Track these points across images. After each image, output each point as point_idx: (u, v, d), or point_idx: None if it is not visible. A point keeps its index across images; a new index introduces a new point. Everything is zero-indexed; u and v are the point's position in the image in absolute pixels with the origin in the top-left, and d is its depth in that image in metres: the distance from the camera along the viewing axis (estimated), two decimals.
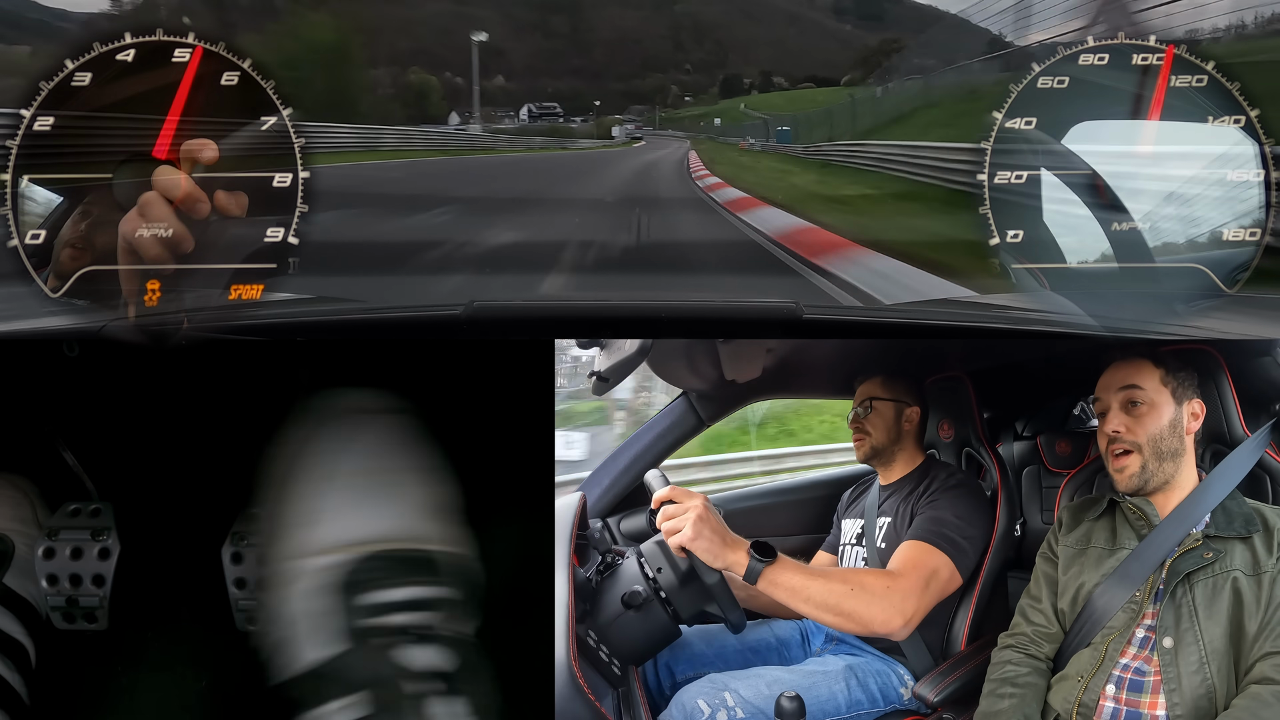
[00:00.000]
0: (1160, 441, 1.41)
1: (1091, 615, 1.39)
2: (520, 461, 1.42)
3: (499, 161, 9.36)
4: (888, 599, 1.59)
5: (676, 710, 1.59)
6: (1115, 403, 1.44)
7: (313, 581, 1.03)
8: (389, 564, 1.06)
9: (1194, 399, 1.44)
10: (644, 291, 2.39)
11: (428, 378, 1.50)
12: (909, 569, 1.68)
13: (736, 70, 9.84)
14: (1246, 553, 1.32)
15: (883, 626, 1.58)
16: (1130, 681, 1.32)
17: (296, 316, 1.46)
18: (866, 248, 4.93)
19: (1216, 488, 1.40)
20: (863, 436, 1.99)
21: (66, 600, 1.25)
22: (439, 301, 1.44)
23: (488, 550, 1.46)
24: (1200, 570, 1.33)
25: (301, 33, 6.44)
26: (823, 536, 2.17)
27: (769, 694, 1.63)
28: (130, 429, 1.45)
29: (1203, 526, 1.37)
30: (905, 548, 1.74)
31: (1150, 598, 1.35)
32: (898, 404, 1.97)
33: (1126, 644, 1.35)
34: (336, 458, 1.12)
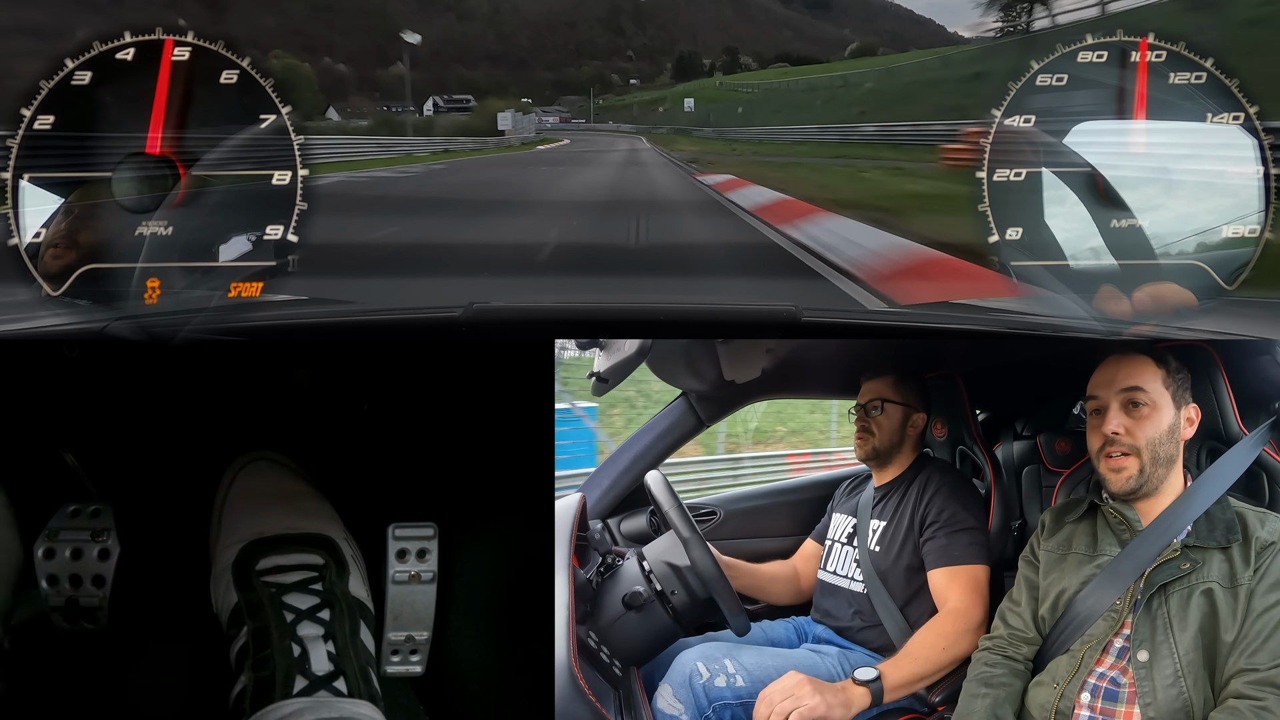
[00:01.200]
0: (1159, 446, 1.38)
1: (1071, 622, 1.38)
2: (520, 462, 1.42)
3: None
4: (969, 634, 1.63)
5: (675, 672, 1.60)
6: (1116, 403, 1.39)
7: (223, 566, 1.35)
8: (267, 544, 1.37)
9: (1190, 404, 1.42)
10: (644, 294, 2.38)
11: (427, 378, 1.50)
12: (963, 599, 1.71)
13: (691, 50, 9.12)
14: (1225, 564, 1.29)
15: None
16: (1106, 691, 1.31)
17: (296, 318, 1.46)
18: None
19: (1202, 496, 1.36)
20: (866, 436, 1.96)
21: (66, 601, 1.25)
22: (439, 303, 1.44)
23: (488, 551, 1.46)
24: (1176, 581, 1.30)
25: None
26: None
27: (771, 664, 1.64)
28: (130, 429, 1.45)
29: (1183, 536, 1.34)
30: (948, 579, 1.74)
31: (1130, 607, 1.33)
32: (906, 408, 1.96)
33: (1103, 653, 1.33)
34: (251, 483, 1.47)
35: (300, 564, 1.36)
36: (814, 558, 2.10)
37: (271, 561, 1.34)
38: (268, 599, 1.28)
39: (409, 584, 1.38)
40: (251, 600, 1.28)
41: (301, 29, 8.03)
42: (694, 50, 8.91)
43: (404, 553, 1.38)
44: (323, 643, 1.25)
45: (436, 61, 8.39)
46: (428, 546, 1.38)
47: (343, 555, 1.40)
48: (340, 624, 1.29)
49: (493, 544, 1.46)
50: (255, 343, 1.40)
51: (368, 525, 1.42)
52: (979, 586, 1.72)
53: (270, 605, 1.27)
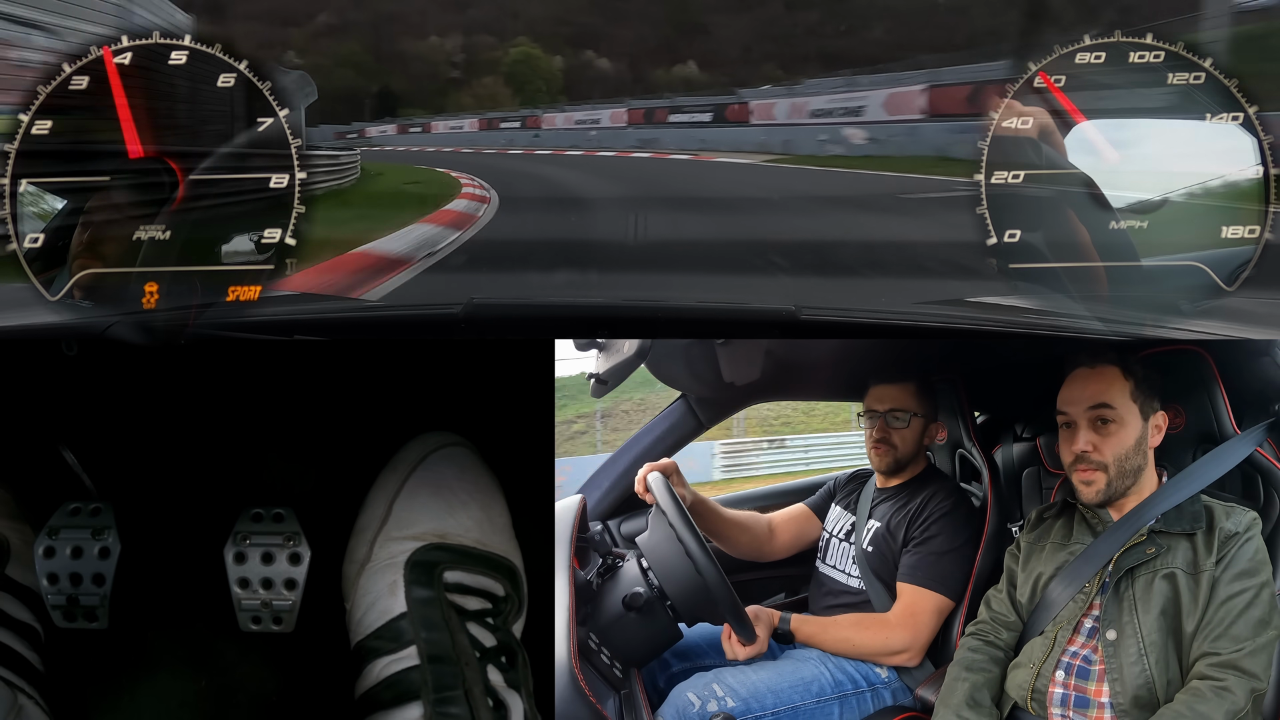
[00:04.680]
0: (1125, 461, 1.44)
1: (1045, 605, 1.46)
2: (520, 463, 1.42)
3: None
4: (881, 646, 1.77)
5: (669, 709, 1.61)
6: (1084, 420, 1.45)
7: (387, 560, 1.24)
8: (453, 553, 1.25)
9: (1158, 411, 1.47)
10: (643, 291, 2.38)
11: (426, 378, 1.50)
12: (902, 618, 1.78)
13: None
14: (1189, 551, 1.36)
15: (889, 660, 1.77)
16: (1078, 668, 1.38)
17: (296, 316, 1.46)
18: None
19: (1177, 493, 1.43)
20: (887, 448, 1.93)
21: (67, 599, 1.24)
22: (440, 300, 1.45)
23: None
24: (1142, 565, 1.38)
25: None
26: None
27: (755, 679, 1.67)
28: (130, 429, 1.45)
29: (1151, 523, 1.41)
30: (904, 593, 1.80)
31: (1098, 590, 1.41)
32: (927, 420, 1.96)
33: (1075, 633, 1.41)
34: (442, 473, 1.35)
35: (483, 589, 1.25)
36: (798, 520, 2.12)
37: (456, 577, 1.23)
38: (456, 625, 1.17)
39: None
40: (429, 618, 1.17)
41: (569, 17, 7.15)
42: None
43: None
44: (520, 700, 1.16)
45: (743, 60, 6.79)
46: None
47: (523, 591, 1.30)
48: (526, 679, 1.20)
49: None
50: (255, 341, 1.40)
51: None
52: (921, 614, 1.77)
53: (455, 634, 1.16)
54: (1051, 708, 1.38)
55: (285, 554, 1.25)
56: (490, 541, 1.30)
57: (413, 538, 1.27)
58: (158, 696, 1.35)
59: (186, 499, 1.41)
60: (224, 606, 1.27)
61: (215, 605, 1.27)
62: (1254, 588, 1.31)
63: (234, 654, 1.37)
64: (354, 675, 1.22)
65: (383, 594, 1.22)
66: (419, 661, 1.14)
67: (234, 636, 1.28)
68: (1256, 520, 1.38)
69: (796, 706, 1.67)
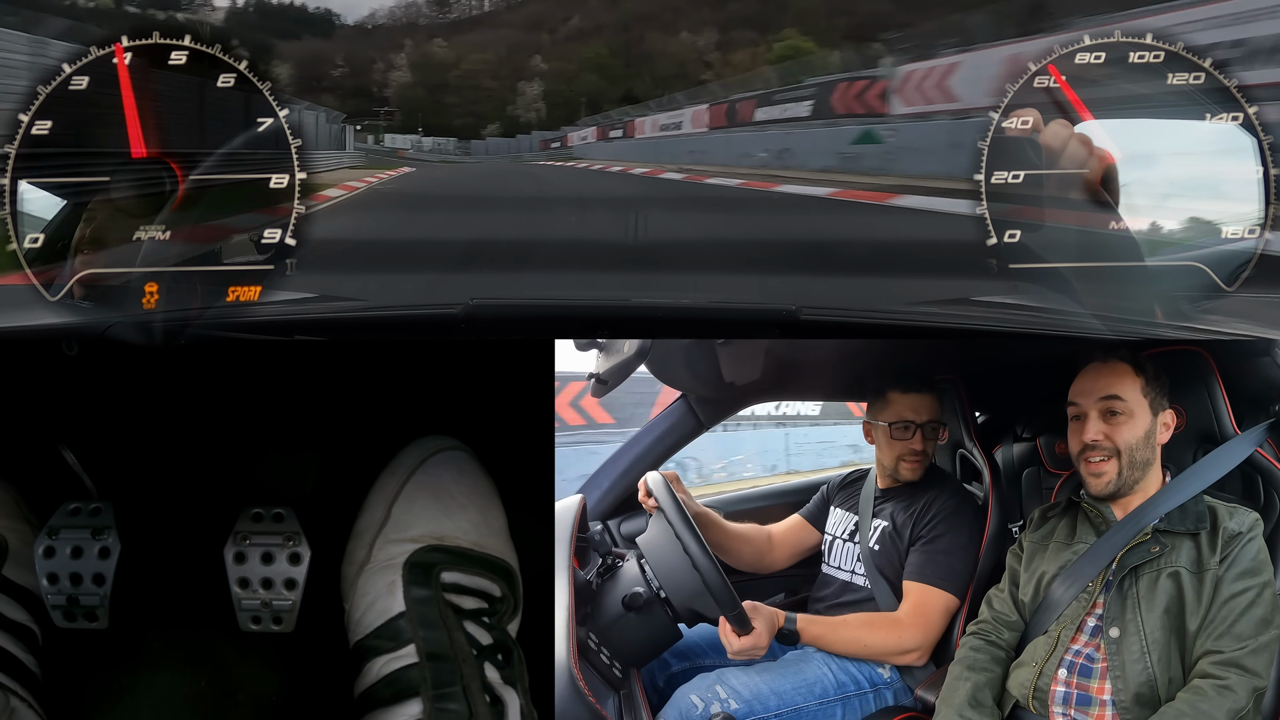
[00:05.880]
0: (1135, 451, 1.46)
1: (1048, 604, 1.47)
2: (520, 462, 1.42)
3: None
4: (891, 646, 1.76)
5: (672, 711, 1.61)
6: (1094, 411, 1.48)
7: (386, 561, 1.26)
8: (451, 555, 1.27)
9: (1167, 409, 1.49)
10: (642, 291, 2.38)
11: (425, 378, 1.50)
12: (911, 615, 1.77)
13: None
14: (1193, 550, 1.37)
15: (899, 659, 1.77)
16: (1080, 666, 1.39)
17: (296, 316, 1.46)
18: None
19: (1180, 492, 1.44)
20: (921, 459, 1.93)
21: (67, 599, 1.24)
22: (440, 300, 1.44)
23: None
24: (1146, 564, 1.39)
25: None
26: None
27: (758, 680, 1.67)
28: (130, 429, 1.45)
29: (1155, 522, 1.42)
30: (913, 591, 1.79)
31: (1101, 589, 1.42)
32: (940, 425, 1.97)
33: (1078, 631, 1.42)
34: (440, 476, 1.36)
35: (480, 589, 1.28)
36: (795, 531, 2.12)
37: (453, 578, 1.26)
38: (453, 624, 1.19)
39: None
40: (427, 617, 1.19)
41: (811, 7, 6.96)
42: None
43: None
44: (516, 696, 1.18)
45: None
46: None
47: (520, 592, 1.32)
48: (522, 676, 1.22)
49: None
50: (255, 341, 1.40)
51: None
52: (931, 612, 1.77)
53: (452, 632, 1.18)
54: (1053, 706, 1.39)
55: (285, 554, 1.25)
56: (487, 543, 1.32)
57: (411, 540, 1.28)
58: (157, 696, 1.35)
59: (186, 499, 1.41)
60: (224, 606, 1.26)
61: (215, 605, 1.27)
62: (1256, 587, 1.33)
63: (234, 654, 1.37)
64: (353, 674, 1.23)
65: (381, 594, 1.24)
66: (417, 659, 1.16)
67: (234, 636, 1.28)
68: (1258, 520, 1.39)
69: (800, 708, 1.67)
